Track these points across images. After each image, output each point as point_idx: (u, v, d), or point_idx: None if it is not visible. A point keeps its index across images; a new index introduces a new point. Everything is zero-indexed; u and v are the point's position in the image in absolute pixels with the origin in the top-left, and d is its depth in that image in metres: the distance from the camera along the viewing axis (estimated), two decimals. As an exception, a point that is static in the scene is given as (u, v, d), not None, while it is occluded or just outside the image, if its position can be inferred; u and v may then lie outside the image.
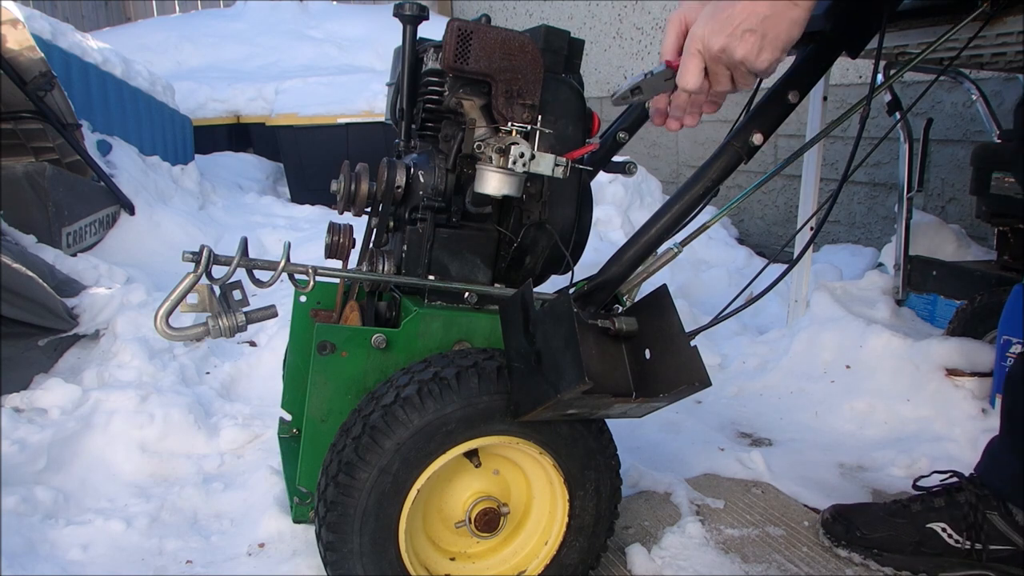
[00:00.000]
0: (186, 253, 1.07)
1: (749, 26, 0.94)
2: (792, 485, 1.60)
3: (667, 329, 1.05)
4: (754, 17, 0.93)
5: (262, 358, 2.18)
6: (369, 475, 1.02)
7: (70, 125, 2.99)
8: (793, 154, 1.29)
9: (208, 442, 1.72)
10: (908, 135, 2.21)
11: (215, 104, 5.26)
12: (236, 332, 1.11)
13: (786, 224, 3.74)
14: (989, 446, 1.31)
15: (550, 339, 0.99)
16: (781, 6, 0.93)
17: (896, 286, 2.28)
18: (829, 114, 2.12)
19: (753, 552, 1.38)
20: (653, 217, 1.19)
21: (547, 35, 1.20)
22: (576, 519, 1.16)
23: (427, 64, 1.21)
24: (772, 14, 0.93)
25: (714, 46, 0.96)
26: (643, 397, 1.04)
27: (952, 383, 1.88)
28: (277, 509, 1.39)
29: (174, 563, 1.32)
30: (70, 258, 2.54)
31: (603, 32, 4.94)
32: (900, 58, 1.91)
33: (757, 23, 0.93)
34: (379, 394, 1.07)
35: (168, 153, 4.17)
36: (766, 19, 0.93)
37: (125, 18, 7.89)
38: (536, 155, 1.09)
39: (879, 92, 1.59)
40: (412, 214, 1.20)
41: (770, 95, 1.18)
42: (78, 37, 3.52)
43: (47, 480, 1.53)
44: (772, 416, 2.00)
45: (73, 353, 2.18)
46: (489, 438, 1.08)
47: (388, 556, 1.07)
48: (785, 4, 0.93)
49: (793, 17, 0.94)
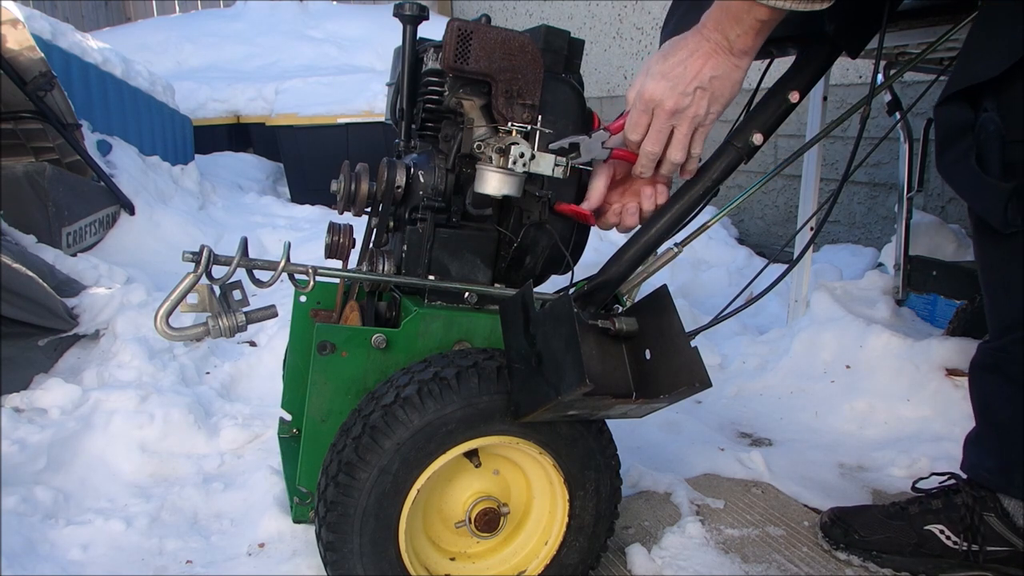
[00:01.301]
0: (186, 253, 1.07)
1: (700, 84, 1.05)
2: (792, 485, 1.60)
3: (667, 329, 1.05)
4: (703, 77, 1.05)
5: (262, 358, 2.18)
6: (369, 475, 1.02)
7: (70, 125, 2.99)
8: (793, 154, 1.29)
9: (208, 442, 1.72)
10: (908, 135, 2.20)
11: (215, 104, 5.26)
12: (236, 332, 1.11)
13: (786, 224, 3.74)
14: (966, 441, 1.32)
15: (551, 340, 0.99)
16: (726, 68, 1.05)
17: (896, 286, 2.28)
18: (829, 114, 2.12)
19: (753, 552, 1.38)
20: (653, 217, 1.20)
21: (547, 35, 1.20)
22: (576, 519, 1.16)
23: (427, 64, 1.21)
24: (719, 75, 1.05)
25: (667, 104, 1.06)
26: (643, 398, 1.04)
27: (952, 383, 1.88)
28: (277, 509, 1.39)
29: (174, 563, 1.32)
30: (70, 258, 2.54)
31: (603, 32, 4.94)
32: (900, 58, 1.91)
33: (707, 82, 1.05)
34: (379, 394, 1.07)
35: (168, 153, 4.17)
36: (714, 79, 1.05)
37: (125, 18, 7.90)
38: (536, 155, 1.09)
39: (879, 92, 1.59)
40: (412, 214, 1.20)
41: (770, 95, 1.18)
42: (78, 37, 3.52)
43: (47, 480, 1.53)
44: (772, 416, 2.00)
45: (73, 353, 2.18)
46: (489, 438, 1.08)
47: (388, 556, 1.07)
48: (729, 66, 1.05)
49: (735, 78, 1.07)
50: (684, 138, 1.10)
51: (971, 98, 1.08)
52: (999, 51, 1.04)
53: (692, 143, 1.13)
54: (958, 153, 1.09)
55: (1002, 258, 1.16)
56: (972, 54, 1.08)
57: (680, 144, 1.11)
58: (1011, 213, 1.06)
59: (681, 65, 1.05)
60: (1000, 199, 1.06)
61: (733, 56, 1.05)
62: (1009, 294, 1.17)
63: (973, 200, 1.13)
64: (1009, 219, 1.06)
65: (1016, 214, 1.06)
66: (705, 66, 1.04)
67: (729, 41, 1.04)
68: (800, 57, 1.21)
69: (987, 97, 1.07)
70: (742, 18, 1.01)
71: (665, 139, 1.11)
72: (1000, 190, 1.05)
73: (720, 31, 1.03)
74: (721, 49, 1.04)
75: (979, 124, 1.07)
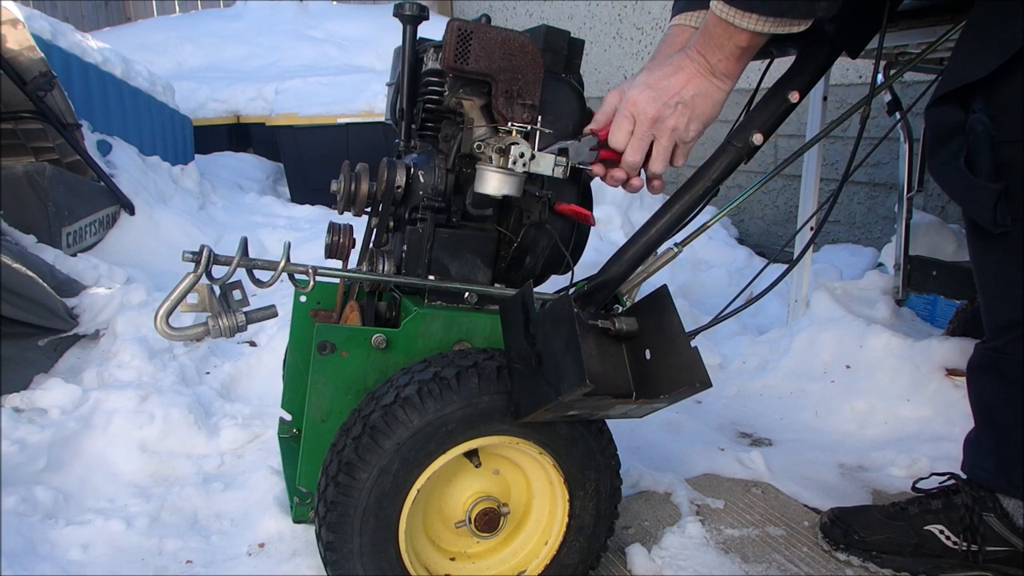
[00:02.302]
0: (186, 253, 1.07)
1: (682, 99, 1.09)
2: (792, 485, 1.60)
3: (667, 329, 1.05)
4: (685, 93, 1.08)
5: (262, 358, 2.18)
6: (369, 475, 1.02)
7: (70, 125, 2.99)
8: (793, 154, 1.29)
9: (208, 442, 1.72)
10: (908, 135, 2.20)
11: (215, 104, 5.26)
12: (236, 332, 1.11)
13: (786, 224, 3.74)
14: (965, 441, 1.32)
15: (551, 341, 0.99)
16: (708, 87, 1.09)
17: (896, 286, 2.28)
18: (829, 114, 2.12)
19: (753, 552, 1.38)
20: (653, 217, 1.19)
21: (547, 35, 1.20)
22: (576, 519, 1.16)
23: (427, 64, 1.21)
24: (700, 93, 1.09)
25: (650, 111, 1.09)
26: (644, 398, 1.04)
27: (952, 383, 1.88)
28: (277, 509, 1.39)
29: (174, 563, 1.32)
30: (70, 258, 2.54)
31: (603, 32, 4.94)
32: (900, 58, 1.91)
33: (688, 99, 1.09)
34: (379, 394, 1.07)
35: (168, 153, 4.16)
36: (696, 96, 1.09)
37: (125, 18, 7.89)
38: (536, 155, 1.09)
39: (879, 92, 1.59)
40: (412, 214, 1.20)
41: (770, 95, 1.18)
42: (78, 37, 3.52)
43: (47, 480, 1.53)
44: (772, 416, 2.00)
45: (73, 353, 2.17)
46: (489, 438, 1.08)
47: (388, 556, 1.07)
48: (711, 86, 1.09)
49: (716, 99, 1.10)
50: (664, 151, 1.12)
51: (961, 99, 1.09)
52: (988, 52, 1.04)
53: (674, 157, 1.15)
54: (948, 154, 1.10)
55: (996, 258, 1.17)
56: (962, 56, 1.08)
57: (661, 157, 1.13)
58: (1000, 214, 1.06)
59: (666, 79, 1.09)
60: (989, 200, 1.06)
61: (715, 78, 1.08)
62: (1004, 294, 1.17)
63: (963, 201, 1.13)
64: (998, 220, 1.07)
65: (1005, 214, 1.06)
66: (688, 84, 1.08)
67: (711, 65, 1.07)
68: (800, 57, 1.21)
69: (976, 98, 1.07)
70: (723, 44, 1.05)
71: (645, 149, 1.12)
72: (989, 191, 1.06)
73: (703, 55, 1.07)
74: (704, 71, 1.08)
75: (968, 125, 1.07)
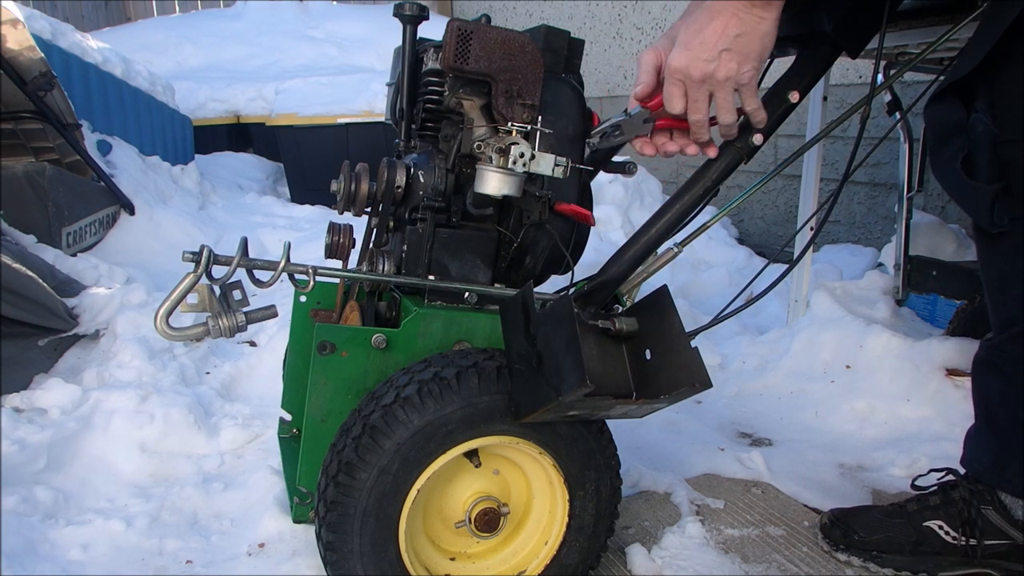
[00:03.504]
0: (186, 253, 1.07)
1: (724, 46, 0.98)
2: (792, 485, 1.60)
3: (667, 329, 1.05)
4: (726, 38, 0.98)
5: (262, 358, 2.17)
6: (369, 475, 1.02)
7: (70, 125, 2.99)
8: (793, 154, 1.30)
9: (208, 442, 1.72)
10: (908, 135, 2.21)
11: (215, 104, 5.26)
12: (236, 332, 1.11)
13: (786, 224, 3.74)
14: (967, 436, 1.32)
15: (551, 341, 0.99)
16: (750, 23, 0.97)
17: (896, 286, 2.28)
18: (829, 114, 2.12)
19: (753, 552, 1.38)
20: (653, 217, 1.19)
21: (547, 35, 1.20)
22: (576, 519, 1.16)
23: (427, 64, 1.21)
24: (743, 32, 0.97)
25: (695, 73, 1.00)
26: (644, 398, 1.04)
27: (952, 383, 1.88)
28: (277, 509, 1.39)
29: (174, 563, 1.32)
30: (70, 258, 2.54)
31: (603, 32, 4.94)
32: (900, 58, 1.91)
33: (731, 42, 0.98)
34: (379, 394, 1.07)
35: (168, 153, 4.16)
36: (738, 37, 0.98)
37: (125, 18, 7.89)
38: (536, 155, 1.09)
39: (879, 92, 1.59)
40: (412, 214, 1.20)
41: (770, 95, 1.18)
42: (78, 37, 3.52)
43: (47, 480, 1.53)
44: (772, 416, 2.00)
45: (73, 353, 2.17)
46: (489, 438, 1.08)
47: (388, 556, 1.07)
48: (753, 20, 0.97)
49: (763, 30, 0.98)
50: (727, 101, 1.04)
51: (964, 98, 1.09)
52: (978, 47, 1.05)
53: (744, 101, 1.06)
54: (949, 154, 1.10)
55: (997, 256, 1.17)
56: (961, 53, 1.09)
57: (725, 108, 1.05)
58: (997, 214, 1.07)
59: (701, 32, 0.98)
60: (985, 200, 1.06)
61: (756, 9, 0.97)
62: (1005, 291, 1.17)
63: (961, 201, 1.14)
64: (995, 219, 1.07)
65: (1002, 214, 1.07)
66: (728, 27, 0.97)
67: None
68: (800, 57, 1.21)
69: (979, 97, 1.07)
70: None
71: (707, 104, 1.05)
72: (985, 192, 1.06)
73: None
74: (742, 6, 0.97)
75: (969, 124, 1.07)
